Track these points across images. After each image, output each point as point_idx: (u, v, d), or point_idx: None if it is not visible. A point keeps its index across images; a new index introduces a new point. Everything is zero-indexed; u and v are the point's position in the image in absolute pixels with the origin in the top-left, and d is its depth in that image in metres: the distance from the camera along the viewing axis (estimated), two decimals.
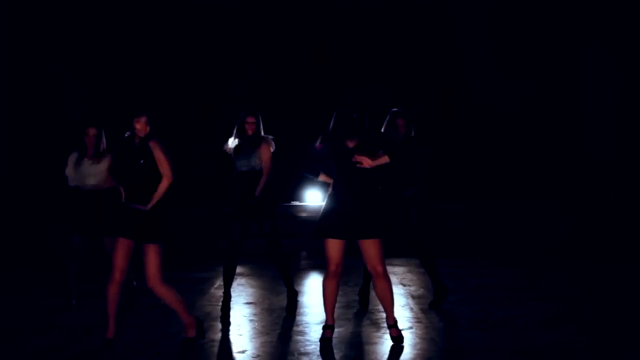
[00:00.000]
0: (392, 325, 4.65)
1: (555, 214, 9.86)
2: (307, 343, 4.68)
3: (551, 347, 4.53)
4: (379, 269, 4.52)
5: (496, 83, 10.84)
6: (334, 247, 4.53)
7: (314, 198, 10.77)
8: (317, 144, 4.62)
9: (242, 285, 7.12)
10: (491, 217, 9.97)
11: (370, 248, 4.51)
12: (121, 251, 4.52)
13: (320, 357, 4.35)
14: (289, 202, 10.56)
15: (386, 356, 4.40)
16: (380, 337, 4.85)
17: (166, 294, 4.53)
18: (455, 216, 9.80)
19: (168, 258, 4.78)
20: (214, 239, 9.52)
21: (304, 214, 10.15)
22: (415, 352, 4.48)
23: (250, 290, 6.83)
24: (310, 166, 4.73)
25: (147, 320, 5.39)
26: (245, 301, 6.24)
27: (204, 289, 6.89)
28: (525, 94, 10.92)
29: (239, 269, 8.14)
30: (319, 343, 4.61)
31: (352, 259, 5.39)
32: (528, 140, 10.96)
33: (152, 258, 4.46)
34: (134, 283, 6.17)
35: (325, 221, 4.54)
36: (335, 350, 4.48)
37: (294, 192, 10.62)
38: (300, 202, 10.70)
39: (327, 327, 4.66)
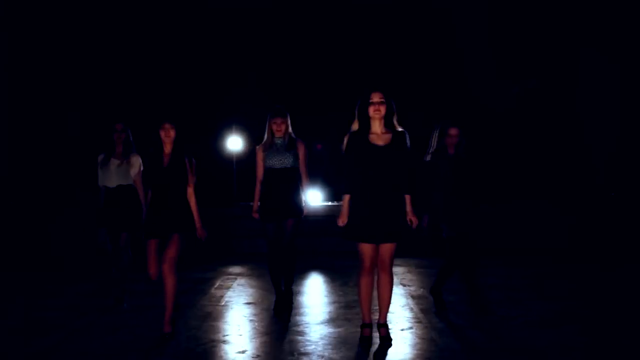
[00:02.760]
0: (383, 324, 4.66)
1: (555, 214, 9.86)
2: (307, 343, 4.68)
3: (551, 347, 4.53)
4: (387, 262, 4.59)
5: (496, 83, 10.85)
6: (366, 245, 4.56)
7: (314, 198, 10.77)
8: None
9: (242, 285, 7.12)
10: (491, 218, 9.97)
11: (386, 246, 4.56)
12: (153, 253, 4.86)
13: (320, 357, 4.36)
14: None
15: (386, 356, 4.40)
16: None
17: (170, 283, 4.80)
18: None
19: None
20: (214, 239, 9.53)
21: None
22: (415, 352, 4.48)
23: (250, 290, 6.83)
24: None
25: (147, 320, 5.40)
26: (245, 301, 6.24)
27: (204, 289, 6.89)
28: (525, 95, 10.94)
29: (239, 269, 8.16)
30: (319, 343, 4.62)
31: (352, 260, 5.39)
32: (528, 140, 10.97)
33: (174, 245, 4.81)
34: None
35: (354, 224, 4.55)
36: (335, 350, 4.48)
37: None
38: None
39: (365, 326, 4.66)
